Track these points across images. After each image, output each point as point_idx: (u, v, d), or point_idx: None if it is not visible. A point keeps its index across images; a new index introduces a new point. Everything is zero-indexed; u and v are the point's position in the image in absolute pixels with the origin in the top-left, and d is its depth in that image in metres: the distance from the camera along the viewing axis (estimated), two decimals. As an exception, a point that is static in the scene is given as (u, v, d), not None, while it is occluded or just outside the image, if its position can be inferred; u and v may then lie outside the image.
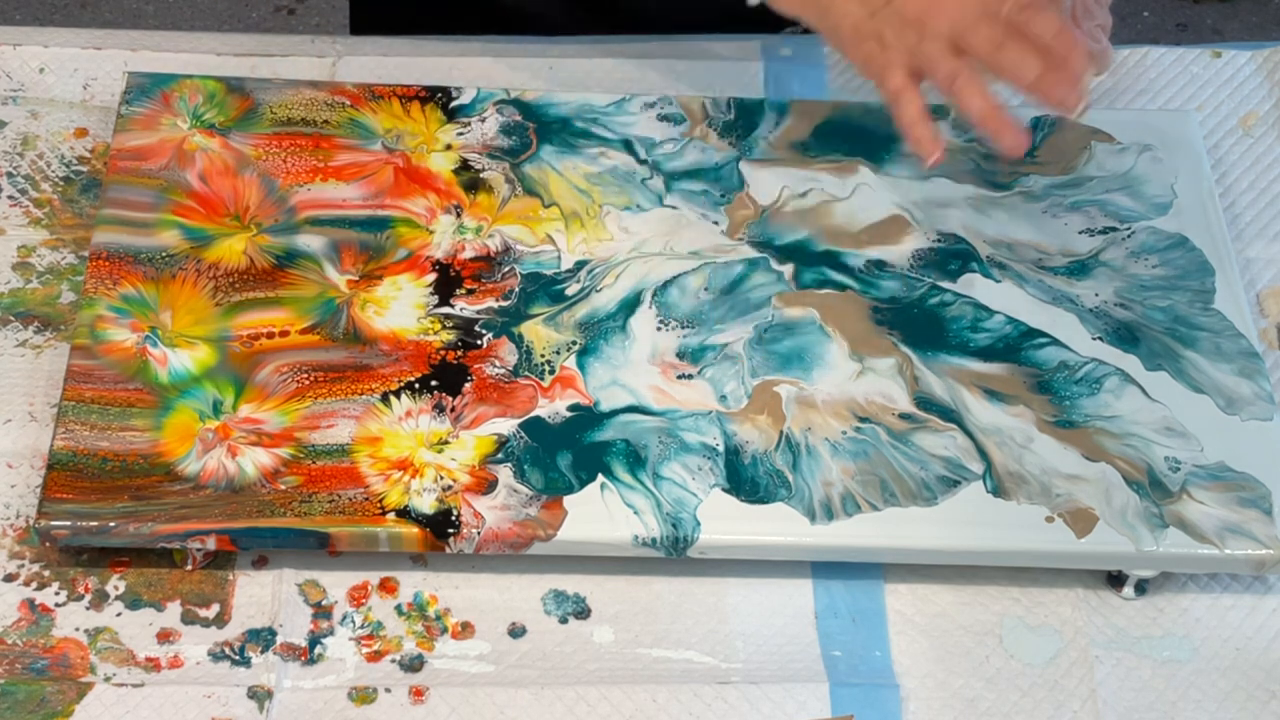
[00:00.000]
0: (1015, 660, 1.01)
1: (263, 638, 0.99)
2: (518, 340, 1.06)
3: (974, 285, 1.10)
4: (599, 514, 0.99)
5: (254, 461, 0.99)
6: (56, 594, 1.00)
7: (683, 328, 1.07)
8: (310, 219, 1.11)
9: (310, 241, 1.09)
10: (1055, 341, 1.08)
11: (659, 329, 1.07)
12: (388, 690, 0.97)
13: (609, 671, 0.98)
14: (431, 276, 1.08)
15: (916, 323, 1.08)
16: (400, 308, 1.07)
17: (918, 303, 1.09)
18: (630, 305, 1.08)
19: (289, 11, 2.21)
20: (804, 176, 1.15)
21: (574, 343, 1.06)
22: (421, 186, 1.13)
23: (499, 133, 1.16)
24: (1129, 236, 1.14)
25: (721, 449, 1.02)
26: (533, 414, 1.03)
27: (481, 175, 1.14)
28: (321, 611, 1.00)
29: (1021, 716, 0.99)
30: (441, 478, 0.99)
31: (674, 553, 0.99)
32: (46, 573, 1.00)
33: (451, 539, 0.98)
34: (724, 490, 1.00)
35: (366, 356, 1.04)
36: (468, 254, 1.10)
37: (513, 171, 1.14)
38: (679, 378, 1.05)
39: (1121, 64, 1.28)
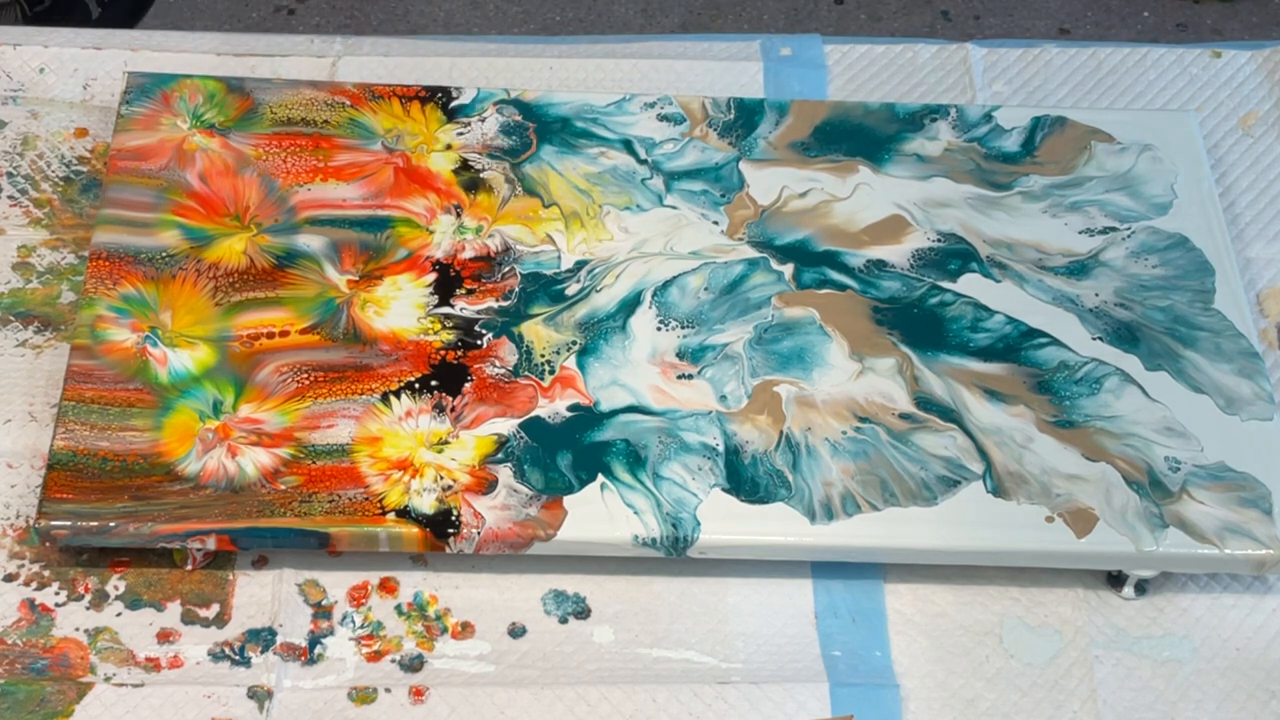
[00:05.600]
0: (1015, 660, 1.01)
1: (263, 638, 0.99)
2: (518, 340, 1.06)
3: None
4: (599, 514, 0.99)
5: (254, 461, 0.99)
6: (56, 594, 1.00)
7: (683, 328, 1.07)
8: (310, 219, 1.11)
9: (310, 241, 1.09)
10: (1055, 341, 1.08)
11: (659, 329, 1.07)
12: (388, 690, 0.97)
13: (609, 671, 0.98)
14: (431, 276, 1.08)
15: (916, 323, 1.08)
16: (400, 308, 1.07)
17: (918, 303, 1.09)
18: (630, 305, 1.08)
19: (289, 11, 2.21)
20: (804, 176, 1.15)
21: (574, 343, 1.06)
22: (421, 186, 1.13)
23: (499, 133, 1.16)
24: (1129, 236, 1.14)
25: (721, 449, 1.02)
26: (533, 414, 1.03)
27: (481, 175, 1.14)
28: (321, 611, 1.00)
29: (1021, 716, 0.99)
30: (441, 478, 0.99)
31: (674, 553, 0.99)
32: (46, 573, 1.00)
33: (451, 539, 0.98)
34: (724, 490, 1.00)
35: (366, 356, 1.04)
36: (468, 254, 1.10)
37: (513, 171, 1.14)
38: (679, 378, 1.05)
39: (1121, 64, 1.28)
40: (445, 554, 1.00)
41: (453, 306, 1.07)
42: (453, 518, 0.98)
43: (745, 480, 1.01)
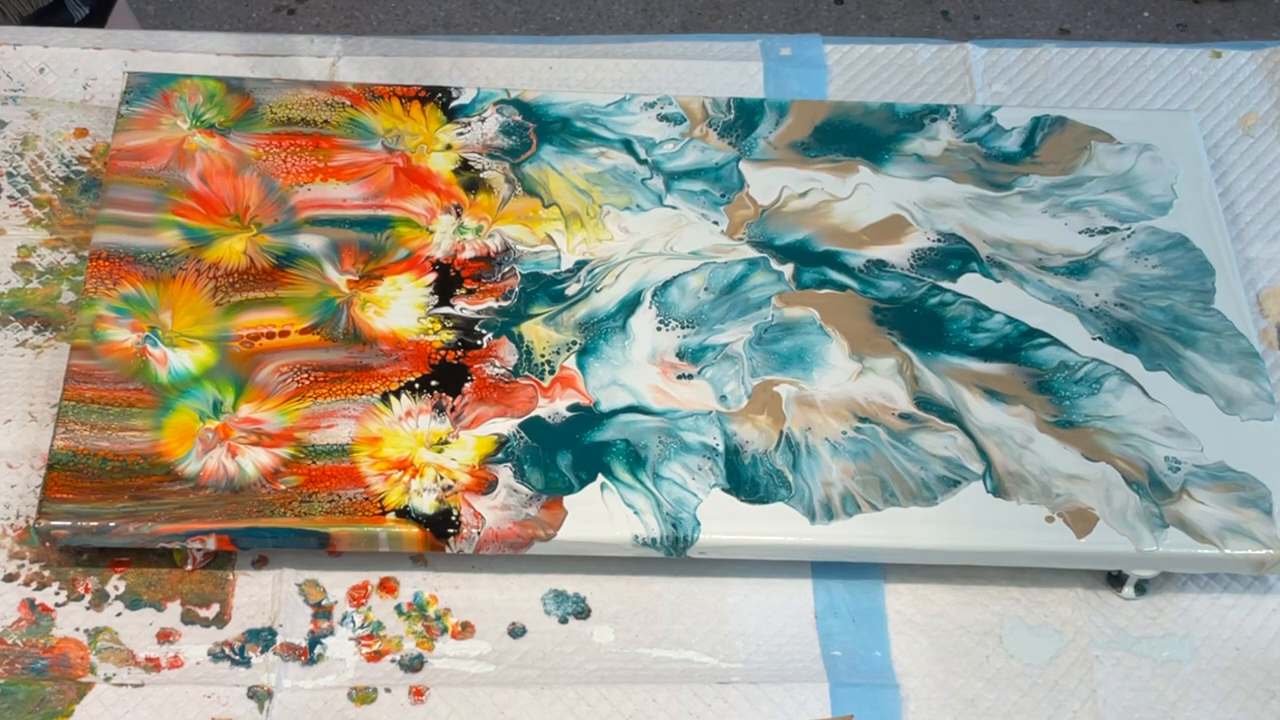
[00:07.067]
0: (1015, 660, 1.01)
1: (263, 638, 0.99)
2: (518, 340, 1.06)
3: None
4: (599, 514, 0.99)
5: (254, 461, 0.99)
6: (56, 594, 1.00)
7: (683, 328, 1.07)
8: (310, 219, 1.11)
9: (310, 241, 1.09)
10: (1055, 341, 1.08)
11: (659, 329, 1.07)
12: (388, 690, 0.97)
13: (609, 671, 0.98)
14: (431, 276, 1.08)
15: (916, 323, 1.08)
16: (400, 308, 1.07)
17: (918, 303, 1.09)
18: (630, 305, 1.08)
19: (289, 11, 2.22)
20: (804, 176, 1.15)
21: (574, 343, 1.06)
22: (421, 186, 1.13)
23: (499, 133, 1.16)
24: (1129, 236, 1.14)
25: (721, 449, 1.02)
26: (533, 414, 1.03)
27: (481, 175, 1.14)
28: (321, 611, 1.00)
29: (1021, 716, 0.99)
30: (441, 478, 0.99)
31: (674, 553, 0.99)
32: (46, 573, 1.00)
33: (451, 539, 0.98)
34: (724, 490, 1.00)
35: (366, 356, 1.04)
36: (468, 254, 1.10)
37: (513, 171, 1.14)
38: (679, 378, 1.05)
39: (1121, 64, 1.28)
40: (445, 554, 1.00)
41: (453, 306, 1.07)
42: (453, 518, 0.98)
43: (745, 480, 1.01)
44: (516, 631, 1.00)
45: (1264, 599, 1.04)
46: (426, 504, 0.98)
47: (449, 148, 1.15)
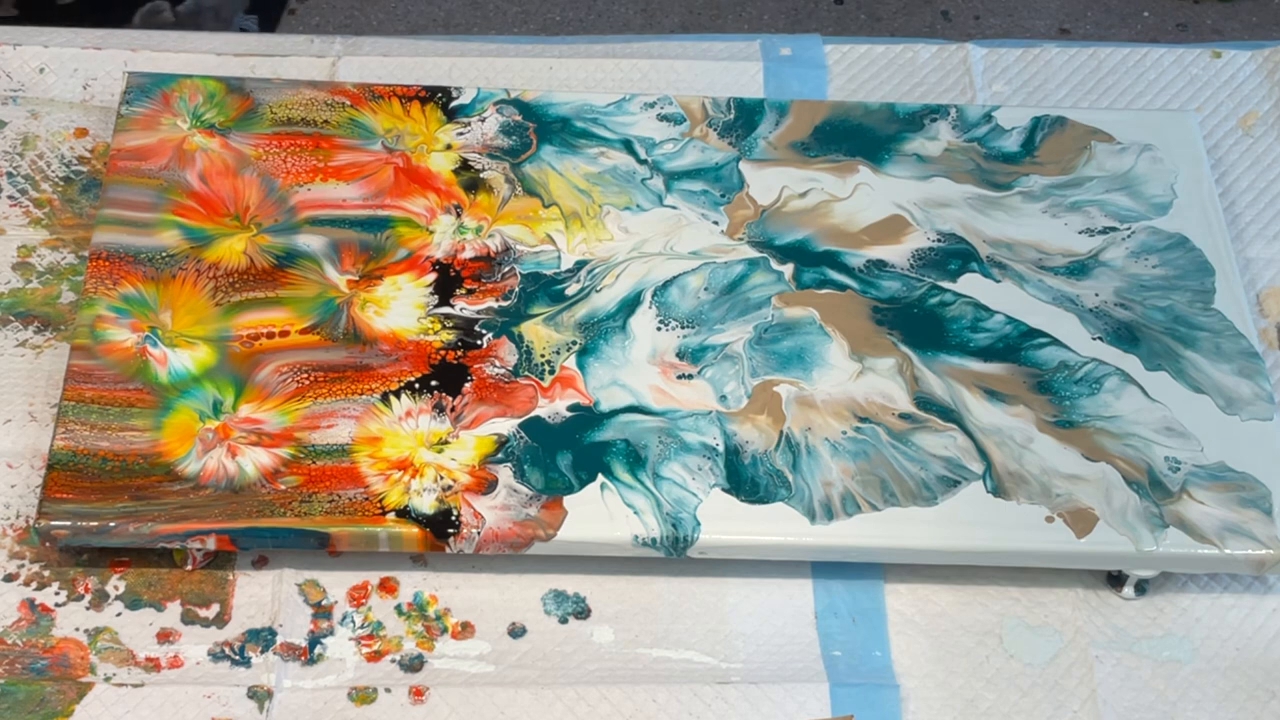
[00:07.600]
0: (1015, 660, 1.01)
1: (263, 638, 0.99)
2: (518, 340, 1.06)
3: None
4: (599, 514, 0.99)
5: (254, 461, 0.99)
6: (56, 594, 1.00)
7: (683, 328, 1.07)
8: (310, 219, 1.11)
9: (310, 241, 1.09)
10: (1055, 341, 1.08)
11: (659, 329, 1.07)
12: (388, 690, 0.97)
13: (609, 671, 0.98)
14: (431, 276, 1.08)
15: (916, 323, 1.08)
16: (400, 308, 1.07)
17: (918, 303, 1.09)
18: (630, 305, 1.08)
19: (289, 11, 2.22)
20: (804, 176, 1.15)
21: (574, 343, 1.06)
22: (421, 186, 1.13)
23: (499, 133, 1.16)
24: (1129, 236, 1.14)
25: (721, 449, 1.02)
26: (533, 414, 1.03)
27: (481, 175, 1.14)
28: (321, 611, 1.00)
29: (1021, 716, 0.99)
30: (441, 478, 0.99)
31: (674, 553, 0.99)
32: (46, 573, 1.00)
33: (451, 539, 0.98)
34: (724, 490, 1.00)
35: (366, 356, 1.04)
36: (468, 254, 1.10)
37: (513, 171, 1.14)
38: (679, 378, 1.05)
39: (1121, 64, 1.28)
40: (445, 554, 1.00)
41: (453, 306, 1.07)
42: (453, 518, 0.98)
43: (745, 480, 1.01)
44: (516, 631, 1.00)
45: (1264, 599, 1.04)
46: (426, 504, 0.98)
47: (449, 148, 1.15)
